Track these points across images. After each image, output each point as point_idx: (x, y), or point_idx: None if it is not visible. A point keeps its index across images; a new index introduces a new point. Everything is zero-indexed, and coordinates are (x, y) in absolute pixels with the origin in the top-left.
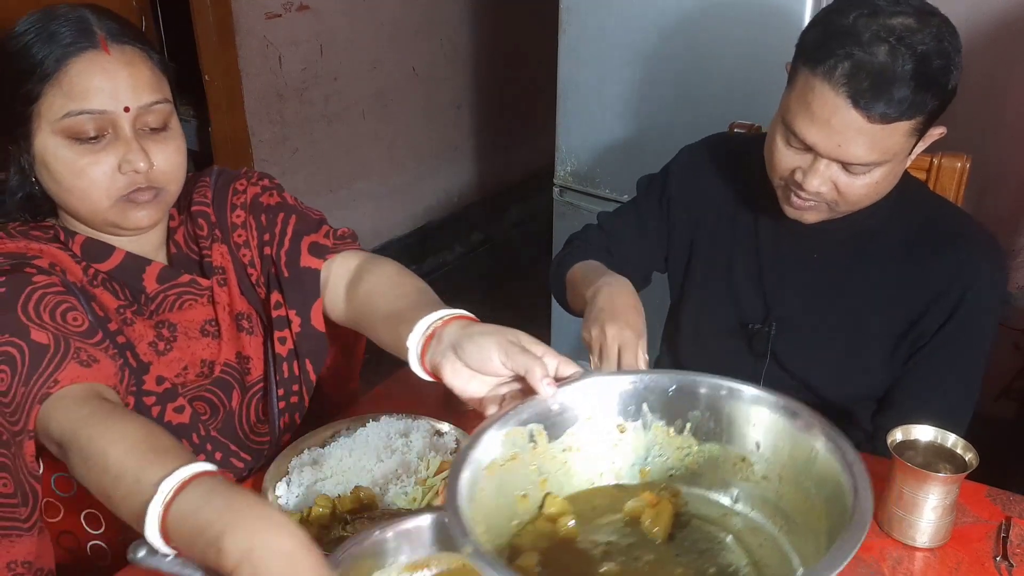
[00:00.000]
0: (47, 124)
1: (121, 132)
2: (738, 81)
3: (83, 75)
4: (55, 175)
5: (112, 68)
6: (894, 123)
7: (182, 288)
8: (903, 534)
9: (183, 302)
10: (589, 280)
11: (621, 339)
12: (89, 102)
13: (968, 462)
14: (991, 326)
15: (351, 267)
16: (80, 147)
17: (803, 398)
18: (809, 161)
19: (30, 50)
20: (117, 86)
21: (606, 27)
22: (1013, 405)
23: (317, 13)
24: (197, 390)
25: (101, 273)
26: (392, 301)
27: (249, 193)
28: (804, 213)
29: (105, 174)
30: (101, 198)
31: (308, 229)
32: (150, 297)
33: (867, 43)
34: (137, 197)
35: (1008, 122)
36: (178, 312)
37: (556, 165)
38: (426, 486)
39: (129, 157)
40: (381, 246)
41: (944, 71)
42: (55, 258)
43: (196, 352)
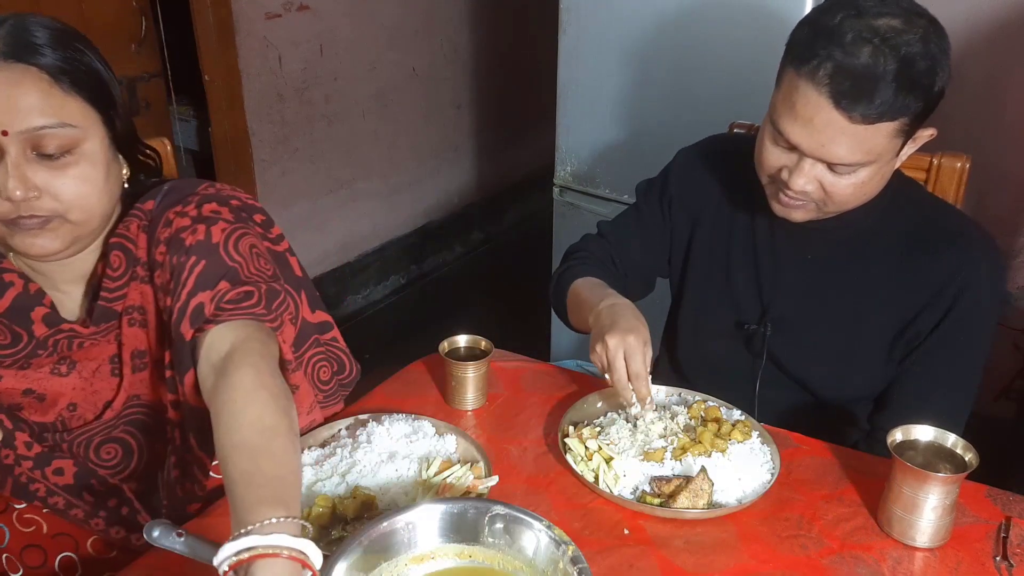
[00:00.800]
0: None
1: (6, 155)
2: (737, 81)
3: None
4: None
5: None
6: (876, 124)
7: (67, 333)
8: (903, 534)
9: (79, 343)
10: (591, 300)
11: (626, 346)
12: None
13: (968, 462)
14: (989, 326)
15: (222, 350)
16: None
17: (800, 398)
18: (795, 160)
19: None
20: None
21: (606, 27)
22: (1013, 405)
23: (317, 13)
24: (106, 432)
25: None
26: (227, 455)
27: (175, 226)
28: (791, 212)
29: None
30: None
31: (206, 284)
32: (41, 341)
33: (850, 44)
34: (24, 223)
35: (1008, 122)
36: (78, 351)
37: (556, 165)
38: (426, 487)
39: (5, 182)
40: (381, 246)
41: (929, 73)
42: None
43: (98, 389)
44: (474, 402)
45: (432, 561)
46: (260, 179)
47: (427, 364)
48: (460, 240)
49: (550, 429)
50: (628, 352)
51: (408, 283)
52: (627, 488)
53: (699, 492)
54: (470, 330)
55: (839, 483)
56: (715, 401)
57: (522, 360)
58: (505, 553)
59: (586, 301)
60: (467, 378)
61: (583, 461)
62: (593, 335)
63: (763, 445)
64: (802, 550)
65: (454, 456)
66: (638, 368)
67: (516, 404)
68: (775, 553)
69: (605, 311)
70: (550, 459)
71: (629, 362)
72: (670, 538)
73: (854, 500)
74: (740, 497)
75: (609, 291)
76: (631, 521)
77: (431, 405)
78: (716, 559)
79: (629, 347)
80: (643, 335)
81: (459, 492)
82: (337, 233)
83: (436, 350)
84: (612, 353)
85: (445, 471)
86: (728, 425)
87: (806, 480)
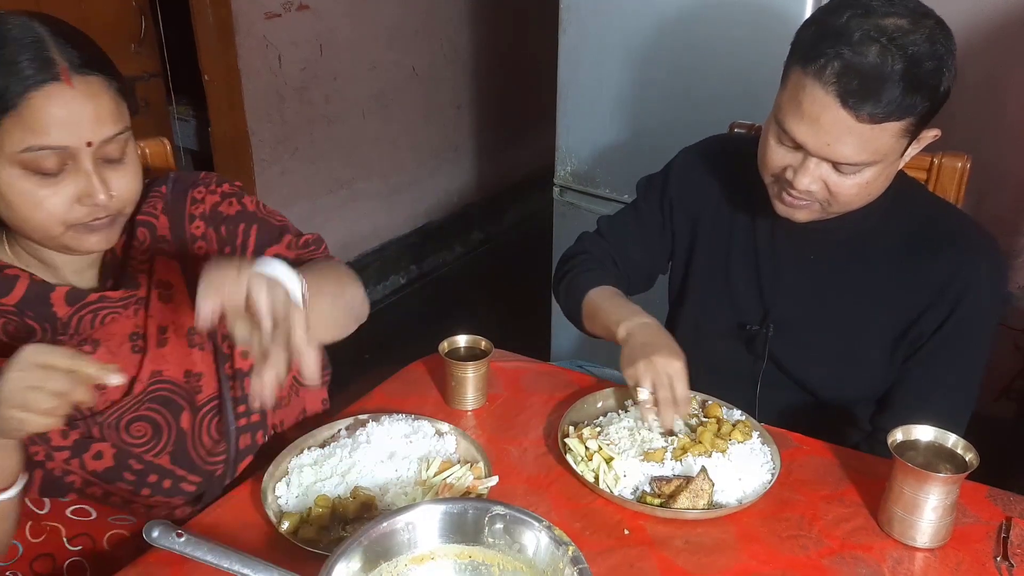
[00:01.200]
0: (4, 155)
1: (81, 165)
2: (738, 81)
3: (45, 110)
4: (10, 204)
5: (75, 103)
6: (883, 123)
7: (96, 305)
8: (903, 534)
9: (102, 317)
10: (615, 314)
11: (671, 369)
12: (50, 137)
13: (968, 462)
14: (990, 326)
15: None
16: (39, 179)
17: (801, 399)
18: (799, 159)
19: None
20: (80, 121)
21: (606, 27)
22: (1013, 405)
23: (317, 13)
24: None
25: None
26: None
27: (208, 202)
28: (795, 212)
29: (63, 205)
30: (57, 226)
31: (270, 239)
32: (64, 322)
33: (858, 43)
34: (94, 225)
35: (1008, 122)
36: (100, 328)
37: (556, 165)
38: (426, 487)
39: (90, 191)
40: (381, 246)
41: (935, 73)
42: None
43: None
44: (474, 402)
45: (432, 561)
46: (260, 179)
47: (427, 364)
48: (460, 240)
49: (550, 429)
50: (674, 375)
51: (408, 283)
52: (627, 488)
53: (699, 492)
54: (470, 330)
55: (839, 483)
56: (715, 400)
57: (522, 360)
58: (505, 553)
59: (610, 314)
60: (467, 378)
61: (583, 461)
62: (629, 351)
63: (763, 445)
64: (802, 550)
65: (454, 456)
66: (685, 393)
67: (516, 404)
68: (775, 553)
69: (638, 330)
70: (550, 459)
71: (675, 385)
72: (670, 538)
73: (854, 500)
74: (740, 497)
75: (634, 306)
76: (631, 521)
77: (431, 405)
78: (716, 559)
79: (675, 371)
80: (684, 360)
81: (459, 492)
82: (337, 233)
83: (436, 350)
84: (660, 375)
85: (445, 471)
86: (728, 425)
87: (806, 480)
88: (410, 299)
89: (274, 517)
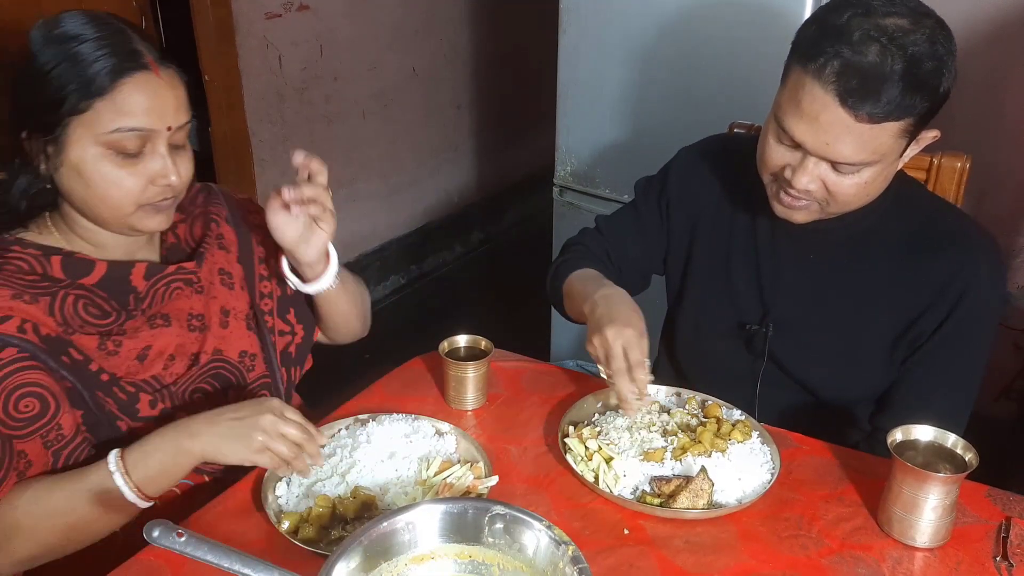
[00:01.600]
0: (91, 136)
1: (158, 149)
2: (738, 81)
3: (134, 95)
4: (90, 182)
5: (160, 90)
6: (882, 123)
7: (170, 277)
8: (903, 534)
9: (171, 291)
10: (587, 291)
11: (623, 338)
12: (138, 120)
13: (968, 462)
14: (990, 326)
15: None
16: (120, 159)
17: (801, 398)
18: (798, 159)
19: (80, 63)
20: (164, 107)
21: (606, 27)
22: (1013, 405)
23: (317, 13)
24: (196, 381)
25: (85, 295)
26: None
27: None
28: (794, 212)
29: (139, 185)
30: (129, 205)
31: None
32: (141, 296)
33: (858, 42)
34: (160, 205)
35: (1008, 122)
36: (169, 302)
37: (556, 165)
38: (426, 486)
39: (164, 172)
40: (381, 246)
41: (935, 73)
42: (26, 314)
43: (185, 344)
44: (474, 402)
45: (432, 561)
46: (260, 179)
47: (427, 363)
48: (460, 240)
49: (550, 429)
50: (627, 344)
51: (408, 283)
52: (627, 488)
53: (699, 492)
54: (470, 330)
55: (839, 483)
56: (714, 400)
57: (522, 360)
58: (505, 553)
59: (582, 292)
60: (467, 378)
61: (583, 461)
62: (590, 327)
63: (763, 445)
64: (802, 550)
65: (454, 456)
66: (638, 357)
67: (516, 404)
68: (775, 553)
69: (600, 301)
70: (550, 459)
71: (628, 352)
72: (670, 538)
73: (854, 500)
74: (740, 497)
75: (605, 282)
76: (631, 521)
77: (431, 405)
78: (716, 559)
79: (627, 339)
80: (640, 327)
81: (459, 492)
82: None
83: (436, 350)
84: (611, 345)
85: (445, 471)
86: (728, 425)
87: (806, 480)
88: (410, 299)
89: (274, 517)
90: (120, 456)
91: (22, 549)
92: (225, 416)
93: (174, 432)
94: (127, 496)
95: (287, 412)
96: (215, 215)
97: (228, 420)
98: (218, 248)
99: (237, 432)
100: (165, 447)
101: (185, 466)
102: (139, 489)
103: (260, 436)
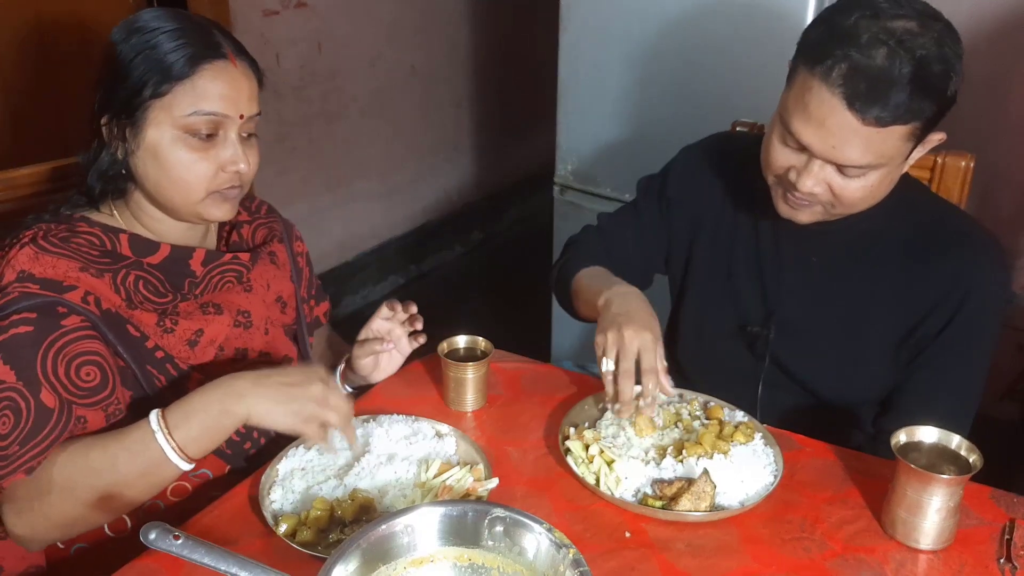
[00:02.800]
0: (169, 119)
1: (229, 135)
2: (739, 80)
3: (213, 81)
4: (165, 165)
5: (237, 80)
6: (890, 127)
7: (226, 266)
8: (906, 536)
9: (224, 282)
10: (598, 287)
11: (640, 341)
12: (214, 104)
13: (972, 464)
14: (994, 328)
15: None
16: (194, 143)
17: (803, 400)
18: (804, 161)
19: (162, 51)
20: (238, 95)
21: (606, 26)
22: (1017, 406)
23: (315, 10)
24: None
25: (143, 274)
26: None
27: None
28: (797, 213)
29: (210, 170)
30: (200, 190)
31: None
32: (196, 281)
33: (866, 45)
34: (228, 193)
35: (1011, 122)
36: (220, 292)
37: (556, 164)
38: (425, 488)
39: (235, 159)
40: (380, 246)
41: (943, 77)
42: (90, 286)
43: (232, 338)
44: (474, 403)
45: (431, 564)
46: (258, 179)
47: (426, 365)
48: (459, 239)
49: (550, 431)
50: (643, 347)
51: (407, 283)
52: (628, 490)
53: (701, 494)
54: (470, 330)
55: (842, 485)
56: (717, 402)
57: (522, 361)
58: (505, 556)
59: (594, 288)
60: (466, 379)
61: (584, 463)
62: (602, 321)
63: (766, 447)
64: (805, 553)
65: (453, 458)
66: (651, 363)
67: (516, 406)
68: (778, 556)
69: (616, 299)
70: (550, 461)
71: (643, 356)
72: (672, 541)
73: (857, 502)
74: (743, 499)
75: (617, 279)
76: (633, 524)
77: (430, 406)
78: (718, 562)
79: (644, 342)
80: (657, 333)
81: (459, 494)
82: (335, 233)
83: (435, 351)
84: (627, 344)
85: (444, 473)
86: (731, 427)
87: (809, 482)
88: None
89: (272, 519)
90: (161, 415)
91: (58, 508)
92: (273, 379)
93: (219, 392)
94: (169, 456)
95: (331, 382)
96: (275, 230)
97: (277, 384)
98: (270, 263)
99: (288, 397)
100: (209, 407)
101: (228, 428)
102: (181, 449)
103: (311, 405)
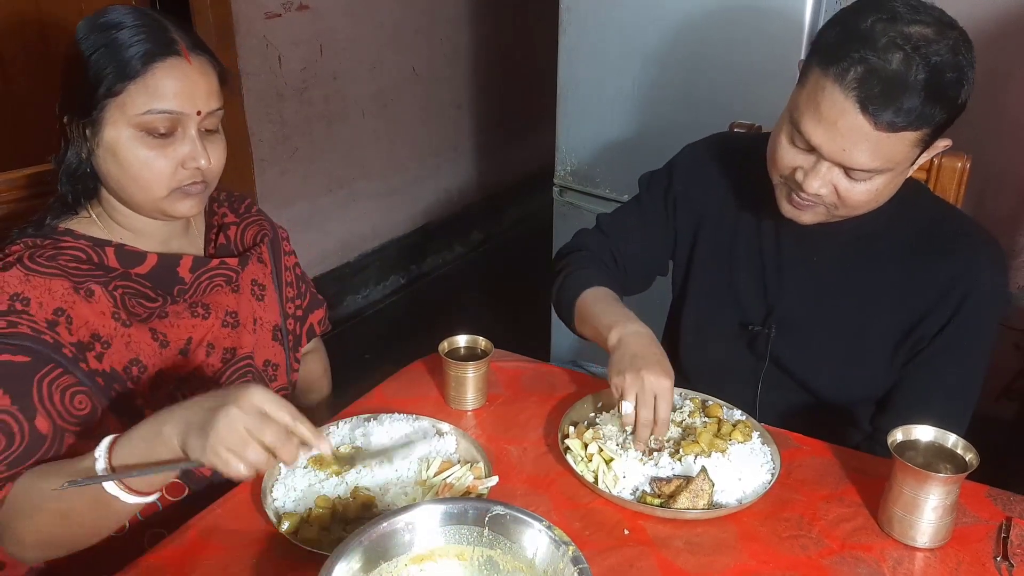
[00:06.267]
0: (124, 118)
1: (188, 132)
2: (738, 81)
3: (166, 79)
4: (123, 163)
5: (191, 76)
6: (900, 132)
7: (213, 271)
8: (903, 534)
9: (213, 286)
10: (608, 320)
11: (660, 389)
12: (168, 103)
13: (968, 462)
14: (992, 328)
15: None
16: (152, 141)
17: (802, 399)
18: (811, 162)
19: (117, 49)
20: (194, 92)
21: (606, 27)
22: (1013, 405)
23: (317, 13)
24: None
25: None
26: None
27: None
28: (801, 213)
29: (169, 167)
30: (161, 188)
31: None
32: (185, 288)
33: (882, 49)
34: (190, 189)
35: (1008, 122)
36: (209, 295)
37: (556, 165)
38: (426, 487)
39: (194, 155)
40: (381, 246)
41: (956, 84)
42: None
43: (220, 338)
44: (474, 402)
45: (432, 562)
46: (259, 179)
47: (427, 364)
48: (460, 240)
49: (550, 429)
50: (660, 395)
51: (408, 283)
52: (627, 488)
53: (699, 492)
54: (470, 330)
55: (839, 483)
56: (715, 400)
57: (522, 360)
58: (505, 553)
59: (603, 320)
60: (467, 378)
61: (583, 461)
62: (618, 361)
63: (763, 445)
64: (802, 550)
65: (454, 456)
66: (666, 415)
67: (516, 404)
68: (775, 553)
69: (631, 339)
70: (550, 459)
71: (659, 405)
72: (670, 538)
73: (854, 500)
74: (740, 497)
75: (627, 311)
76: (631, 521)
77: (431, 405)
78: (716, 560)
79: (662, 390)
80: (673, 378)
81: (459, 492)
82: (336, 233)
83: (436, 350)
84: (647, 393)
85: (445, 471)
86: (729, 425)
87: (806, 480)
88: (410, 299)
89: (274, 517)
90: (111, 442)
91: (27, 534)
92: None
93: (158, 414)
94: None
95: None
96: (264, 231)
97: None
98: (257, 261)
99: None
100: (145, 430)
101: (162, 454)
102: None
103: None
